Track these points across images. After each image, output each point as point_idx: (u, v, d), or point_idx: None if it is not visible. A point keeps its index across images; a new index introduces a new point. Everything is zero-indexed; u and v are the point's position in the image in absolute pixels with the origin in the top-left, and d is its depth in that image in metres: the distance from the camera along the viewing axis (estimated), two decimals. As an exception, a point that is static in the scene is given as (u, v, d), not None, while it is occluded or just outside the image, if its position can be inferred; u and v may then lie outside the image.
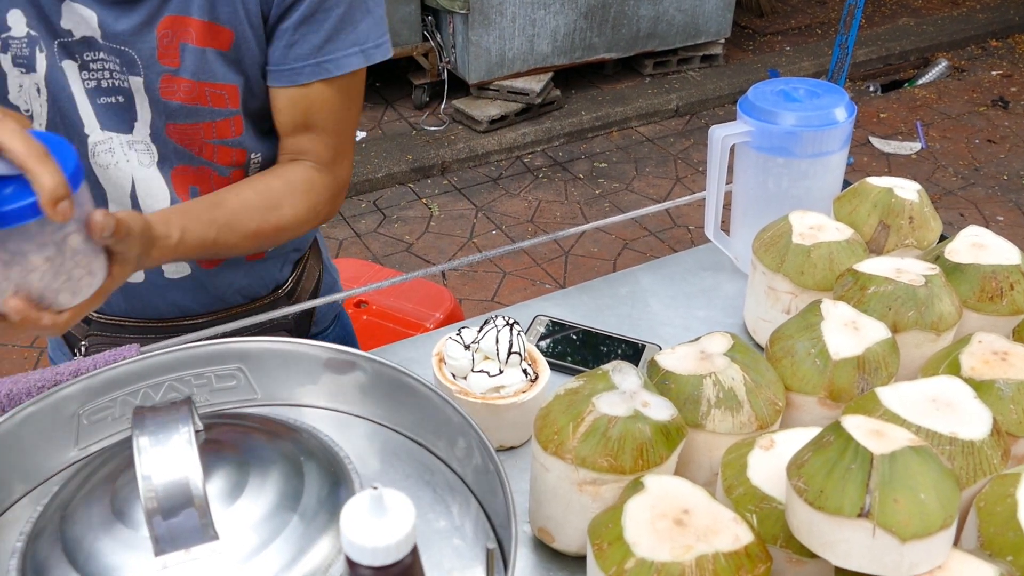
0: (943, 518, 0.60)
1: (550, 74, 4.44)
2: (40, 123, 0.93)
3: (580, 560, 0.81)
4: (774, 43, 5.36)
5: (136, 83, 0.92)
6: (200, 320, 1.11)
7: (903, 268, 0.94)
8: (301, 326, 1.21)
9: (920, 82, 5.10)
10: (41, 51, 0.89)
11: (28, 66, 0.89)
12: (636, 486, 0.70)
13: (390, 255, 3.47)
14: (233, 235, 0.93)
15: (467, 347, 0.93)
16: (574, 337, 1.13)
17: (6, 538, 0.72)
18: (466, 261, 1.29)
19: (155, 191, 0.99)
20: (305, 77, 0.95)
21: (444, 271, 3.31)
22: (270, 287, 1.15)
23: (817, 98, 1.12)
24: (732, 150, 1.14)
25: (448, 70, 4.38)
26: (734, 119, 1.15)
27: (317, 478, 0.68)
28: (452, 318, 2.24)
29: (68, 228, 0.69)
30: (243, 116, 0.97)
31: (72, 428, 0.80)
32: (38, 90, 0.91)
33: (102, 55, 0.90)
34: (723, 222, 1.22)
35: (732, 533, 0.65)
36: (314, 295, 1.21)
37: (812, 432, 0.73)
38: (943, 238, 1.08)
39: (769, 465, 0.73)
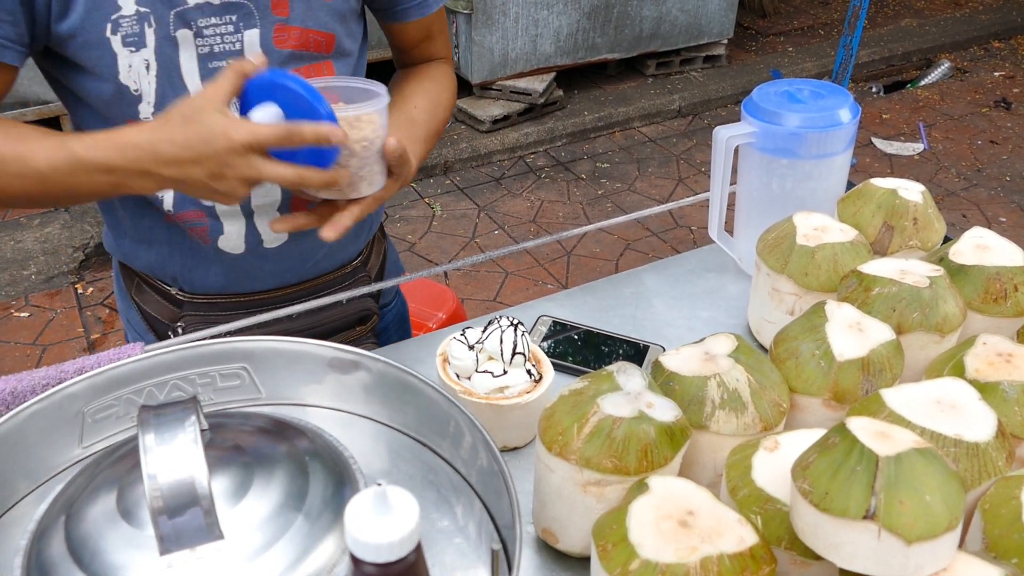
0: (948, 520, 0.60)
1: (553, 74, 4.44)
2: (149, 100, 0.96)
3: (584, 561, 0.81)
4: (777, 44, 5.35)
5: (251, 37, 0.97)
6: (290, 291, 1.15)
7: (907, 269, 0.94)
8: (373, 298, 1.26)
9: (923, 83, 5.10)
10: (150, 27, 0.92)
11: (138, 44, 0.93)
12: (640, 487, 0.70)
13: (392, 254, 3.46)
14: (428, 143, 1.09)
15: (471, 347, 0.93)
16: (578, 338, 1.13)
17: (11, 536, 0.72)
18: (469, 261, 1.29)
19: None
20: (433, 7, 1.13)
21: (446, 271, 3.31)
22: (351, 256, 1.21)
23: (821, 99, 1.12)
24: (736, 151, 1.14)
25: (451, 70, 4.38)
26: (737, 120, 1.15)
27: (322, 478, 0.68)
28: (455, 318, 2.24)
29: (374, 138, 0.90)
30: (332, 61, 1.04)
31: (76, 426, 0.80)
32: (147, 66, 0.94)
33: (214, 20, 0.95)
34: (727, 223, 1.22)
35: (737, 535, 0.65)
36: (382, 266, 1.29)
37: (817, 434, 0.73)
38: (947, 239, 1.08)
39: (774, 467, 0.73)
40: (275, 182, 0.85)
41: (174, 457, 0.58)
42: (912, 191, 1.09)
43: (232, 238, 1.07)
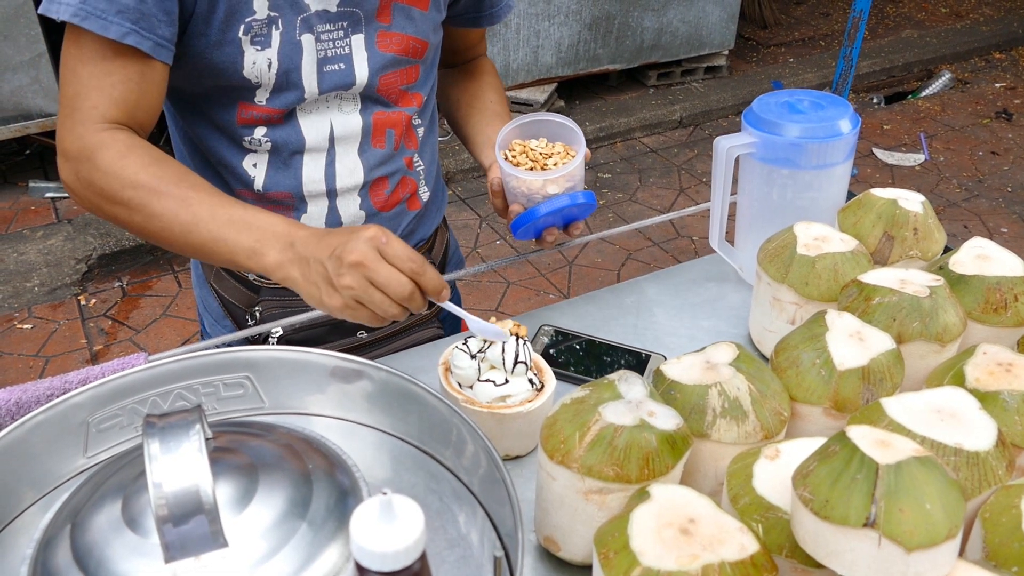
0: (948, 528, 0.60)
1: (554, 85, 4.45)
2: (265, 94, 1.04)
3: (586, 569, 0.81)
4: (778, 55, 5.37)
5: (357, 41, 1.05)
6: None
7: (907, 279, 0.94)
8: None
9: (923, 94, 5.11)
10: (277, 29, 1.00)
11: (264, 43, 1.00)
12: (642, 495, 0.70)
13: (394, 265, 3.47)
14: (497, 118, 1.21)
15: (473, 356, 0.93)
16: (579, 347, 1.13)
17: (17, 545, 0.72)
18: (471, 271, 1.29)
19: (349, 132, 1.11)
20: (501, 16, 1.23)
21: (481, 269, 3.32)
22: (423, 239, 1.27)
23: (821, 110, 1.13)
24: (737, 161, 1.15)
25: (453, 81, 4.40)
26: (738, 130, 1.15)
27: (325, 486, 0.68)
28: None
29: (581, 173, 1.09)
30: (421, 65, 1.13)
31: (81, 436, 0.80)
32: (269, 64, 1.01)
33: (329, 26, 1.02)
34: (728, 233, 1.23)
35: (738, 542, 0.66)
36: (445, 254, 1.35)
37: (817, 442, 0.74)
38: (947, 249, 1.09)
39: (775, 475, 0.73)
40: (391, 284, 0.86)
41: (179, 466, 0.59)
42: (912, 201, 1.10)
43: (314, 218, 1.13)
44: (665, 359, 1.10)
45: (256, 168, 1.09)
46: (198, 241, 0.93)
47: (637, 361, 1.11)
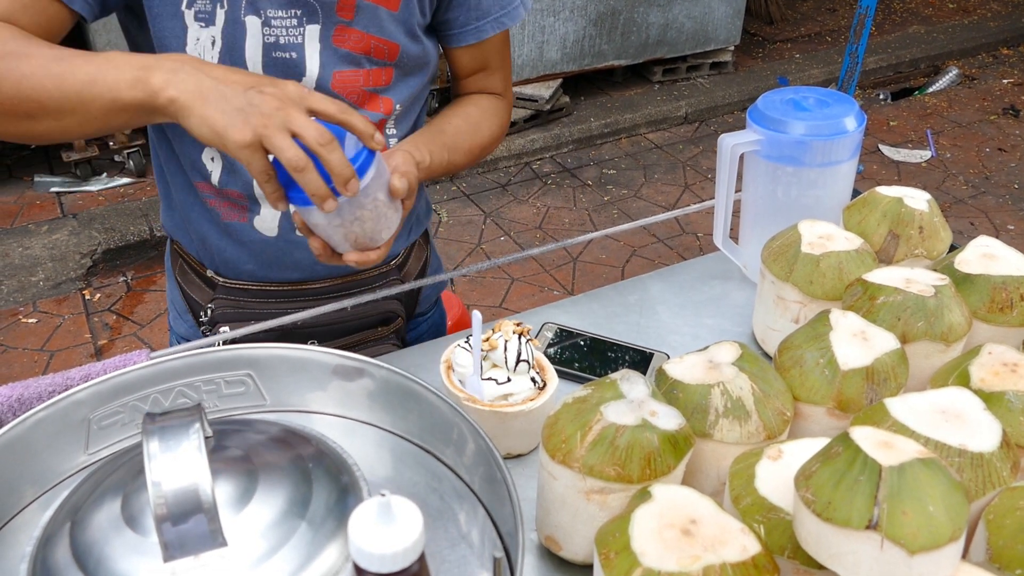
0: (952, 531, 0.60)
1: (559, 81, 4.44)
2: None
3: (587, 569, 0.81)
4: (784, 50, 5.35)
5: (312, 32, 1.00)
6: (318, 285, 1.16)
7: (912, 278, 0.94)
8: (408, 305, 1.27)
9: (930, 90, 5.09)
10: (222, 7, 0.97)
11: (208, 20, 0.97)
12: (643, 495, 0.70)
13: (399, 261, 3.47)
14: (456, 154, 1.11)
15: (484, 345, 0.93)
16: (582, 344, 1.13)
17: (16, 542, 0.72)
18: (475, 268, 1.29)
19: None
20: (487, 33, 1.13)
21: (452, 278, 3.32)
22: (388, 256, 1.20)
23: (827, 107, 1.12)
24: (741, 159, 1.14)
25: (458, 76, 4.39)
26: (743, 126, 1.15)
27: (325, 485, 0.68)
28: (460, 324, 2.24)
29: (378, 187, 0.88)
30: (395, 69, 1.07)
31: (82, 433, 0.80)
32: (212, 42, 0.98)
33: (281, 13, 0.98)
34: (732, 230, 1.22)
35: (740, 543, 0.65)
36: (421, 274, 1.29)
37: (820, 443, 0.73)
38: (953, 248, 1.08)
39: (777, 475, 0.73)
40: (303, 136, 0.80)
41: (178, 464, 0.58)
42: (918, 199, 1.09)
43: (267, 219, 1.10)
44: (668, 357, 1.10)
45: (214, 162, 1.07)
46: (73, 90, 0.83)
47: (640, 359, 1.10)
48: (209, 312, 1.16)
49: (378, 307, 1.19)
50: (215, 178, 1.07)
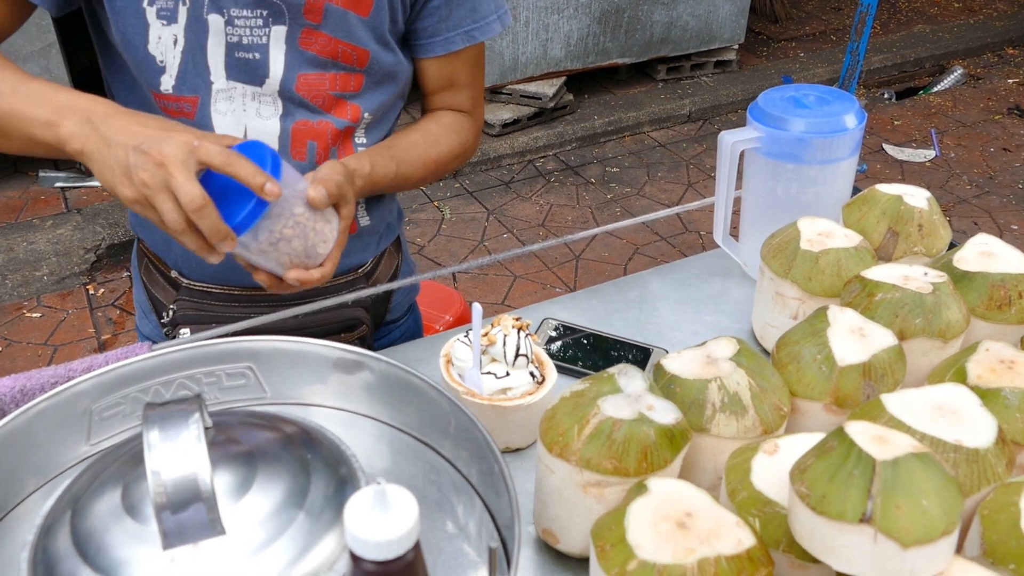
0: (945, 525, 0.60)
1: (563, 78, 4.44)
2: (172, 73, 1.00)
3: (584, 562, 0.81)
4: (788, 49, 5.35)
5: (277, 32, 0.99)
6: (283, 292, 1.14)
7: (911, 275, 0.94)
8: (378, 312, 1.25)
9: (935, 89, 5.08)
10: (184, 4, 0.96)
11: (170, 18, 0.96)
12: (640, 489, 0.70)
13: (401, 257, 3.48)
14: (408, 167, 1.09)
15: (482, 338, 0.94)
16: (582, 340, 1.13)
17: (18, 531, 0.73)
18: (476, 264, 1.29)
19: (266, 139, 1.04)
20: (456, 45, 1.10)
21: (455, 274, 3.32)
22: (353, 265, 1.19)
23: (827, 105, 1.13)
24: (742, 156, 1.15)
25: (462, 74, 4.39)
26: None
27: (324, 475, 0.69)
28: (462, 320, 2.25)
29: (294, 204, 0.87)
30: (365, 76, 1.06)
31: (84, 424, 0.81)
32: (174, 41, 0.98)
33: (246, 12, 0.97)
34: (733, 228, 1.23)
35: (734, 537, 0.66)
36: (392, 279, 1.26)
37: (817, 438, 0.74)
38: (952, 246, 1.08)
39: (773, 470, 0.73)
40: (180, 200, 0.80)
41: (177, 454, 0.59)
42: (917, 197, 1.09)
43: None
44: (667, 353, 1.10)
45: None
46: None
47: (639, 355, 1.11)
48: (171, 313, 1.15)
49: (342, 314, 1.17)
50: None
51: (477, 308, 0.90)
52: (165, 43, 0.98)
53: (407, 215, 3.75)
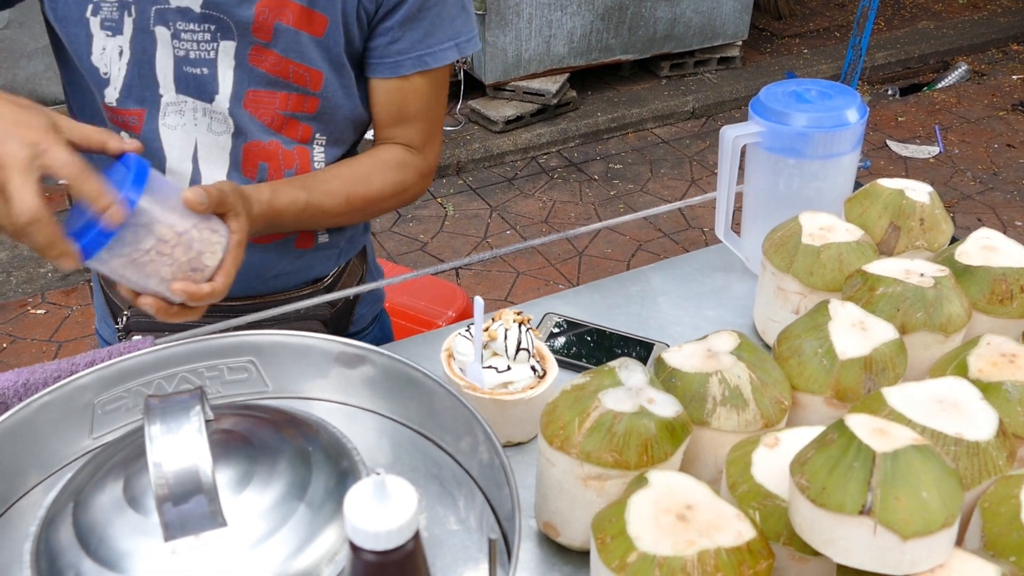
0: (945, 517, 0.60)
1: (566, 75, 4.44)
2: (116, 86, 0.97)
3: (585, 555, 0.81)
4: (792, 46, 5.34)
5: (226, 47, 0.96)
6: (237, 303, 1.12)
7: (912, 269, 0.94)
8: (340, 322, 1.22)
9: (939, 86, 5.07)
10: (130, 15, 0.93)
11: (115, 29, 0.94)
12: (640, 481, 0.71)
13: (404, 254, 3.48)
14: (326, 198, 1.01)
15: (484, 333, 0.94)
16: (584, 335, 1.14)
17: (21, 523, 0.73)
18: (478, 259, 1.29)
19: (215, 156, 1.02)
20: (406, 69, 1.03)
21: (458, 270, 3.32)
22: (310, 278, 1.17)
23: (829, 99, 1.12)
24: (743, 151, 1.15)
25: (464, 70, 4.40)
26: (751, 122, 1.15)
27: (325, 468, 0.69)
28: (464, 316, 2.25)
29: (166, 218, 0.79)
30: (320, 99, 1.02)
31: (87, 417, 0.81)
32: (120, 53, 0.95)
33: (193, 26, 0.94)
34: (734, 223, 1.23)
35: (735, 529, 0.66)
36: (355, 299, 1.23)
37: (817, 431, 0.73)
38: (955, 240, 1.08)
39: (773, 463, 0.73)
40: (12, 205, 0.70)
41: (179, 446, 0.59)
42: (919, 192, 1.09)
43: None
44: (669, 348, 1.10)
45: None
46: None
47: (641, 350, 1.11)
48: (125, 319, 1.12)
49: (296, 327, 1.13)
50: None
51: (479, 302, 0.90)
52: (110, 55, 0.95)
53: (410, 211, 3.76)
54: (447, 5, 1.03)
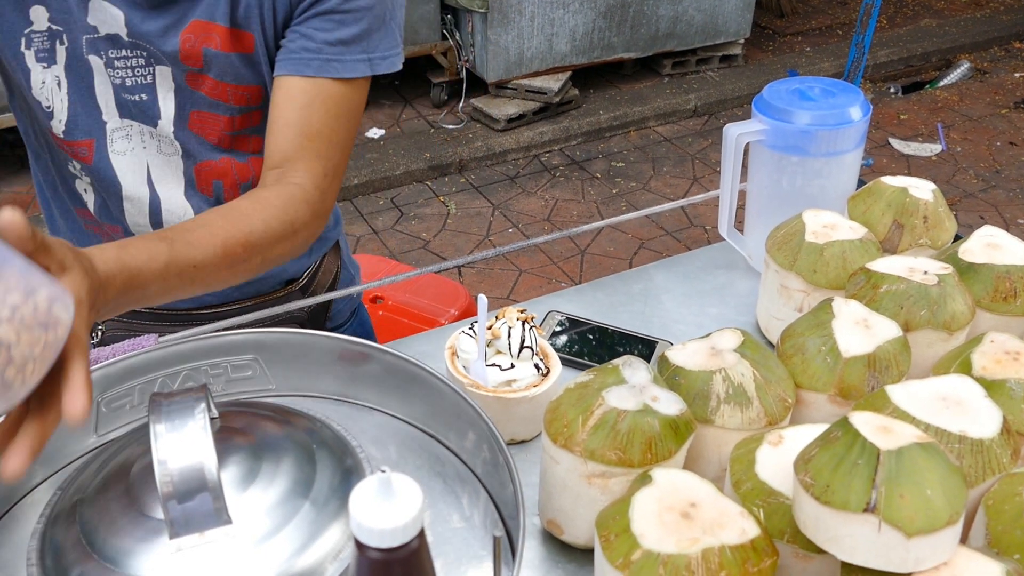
0: (949, 514, 0.60)
1: (568, 73, 4.44)
2: (61, 118, 0.95)
3: (589, 552, 0.81)
4: (794, 43, 5.33)
5: (163, 72, 0.94)
6: (213, 311, 1.12)
7: (916, 267, 0.94)
8: (316, 320, 1.22)
9: (942, 84, 5.06)
10: (61, 44, 0.91)
11: (49, 60, 0.92)
12: (644, 479, 0.71)
13: (407, 252, 3.48)
14: (193, 250, 0.79)
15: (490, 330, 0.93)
16: (587, 333, 1.14)
17: (26, 520, 0.73)
18: (481, 256, 1.29)
19: (170, 176, 1.01)
20: (312, 70, 0.93)
21: (460, 268, 3.32)
22: (284, 280, 1.17)
23: (832, 97, 1.12)
24: (747, 148, 1.15)
25: (467, 68, 4.40)
26: (751, 119, 1.15)
27: (329, 466, 0.69)
28: (467, 315, 2.25)
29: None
30: (262, 111, 0.99)
31: (91, 415, 0.81)
32: (59, 83, 0.93)
33: (125, 52, 0.93)
34: (738, 221, 1.23)
35: (739, 527, 0.66)
36: (332, 286, 1.23)
37: (821, 429, 0.73)
38: (958, 238, 1.08)
39: (777, 461, 0.73)
40: None
41: (184, 444, 0.59)
42: (923, 189, 1.09)
43: None
44: (672, 346, 1.10)
45: (87, 194, 1.03)
46: None
47: (644, 348, 1.11)
48: (100, 334, 1.11)
49: (279, 325, 1.13)
50: (92, 209, 1.04)
51: (482, 299, 0.90)
52: (49, 87, 0.93)
53: (412, 210, 3.76)
54: (366, 16, 0.94)
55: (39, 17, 0.90)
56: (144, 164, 1.00)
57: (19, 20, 0.90)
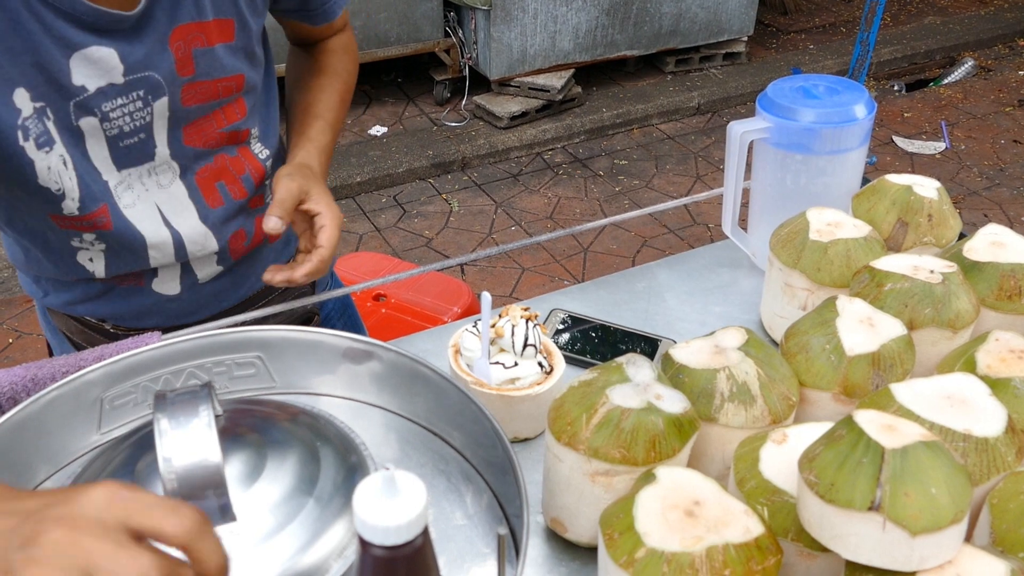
0: (954, 513, 0.60)
1: (571, 71, 4.44)
2: (73, 197, 0.93)
3: (592, 551, 0.81)
4: (798, 41, 5.32)
5: (160, 107, 0.94)
6: (225, 315, 1.13)
7: (920, 265, 0.94)
8: (307, 321, 1.24)
9: (945, 81, 5.05)
10: (48, 119, 0.88)
11: (48, 143, 0.89)
12: (648, 477, 0.71)
13: (409, 250, 3.48)
14: (333, 112, 1.15)
15: (493, 328, 0.93)
16: (590, 331, 1.14)
17: (30, 518, 0.73)
18: (484, 254, 1.29)
19: (180, 206, 1.02)
20: (334, 14, 1.13)
21: (463, 266, 3.32)
22: (262, 287, 1.17)
23: (837, 95, 1.12)
24: (751, 146, 1.14)
25: (470, 66, 4.39)
26: (754, 116, 1.15)
27: (333, 463, 0.69)
28: (470, 312, 2.25)
29: None
30: (244, 97, 1.03)
31: (95, 412, 0.81)
32: (64, 162, 0.91)
33: (121, 100, 0.91)
34: (741, 219, 1.22)
35: (743, 525, 0.66)
36: (312, 293, 1.24)
37: (825, 427, 0.73)
38: (962, 236, 1.08)
39: (781, 459, 0.73)
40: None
41: (188, 441, 0.59)
42: (927, 187, 1.09)
43: (166, 280, 1.07)
44: (675, 344, 1.10)
45: (94, 263, 1.02)
46: None
47: (647, 346, 1.11)
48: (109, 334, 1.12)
49: (297, 312, 1.16)
50: (100, 274, 1.03)
51: (486, 297, 0.90)
52: (56, 170, 0.90)
53: (415, 207, 3.76)
54: None
55: (24, 102, 0.85)
56: (154, 207, 1.00)
57: (8, 113, 0.84)
